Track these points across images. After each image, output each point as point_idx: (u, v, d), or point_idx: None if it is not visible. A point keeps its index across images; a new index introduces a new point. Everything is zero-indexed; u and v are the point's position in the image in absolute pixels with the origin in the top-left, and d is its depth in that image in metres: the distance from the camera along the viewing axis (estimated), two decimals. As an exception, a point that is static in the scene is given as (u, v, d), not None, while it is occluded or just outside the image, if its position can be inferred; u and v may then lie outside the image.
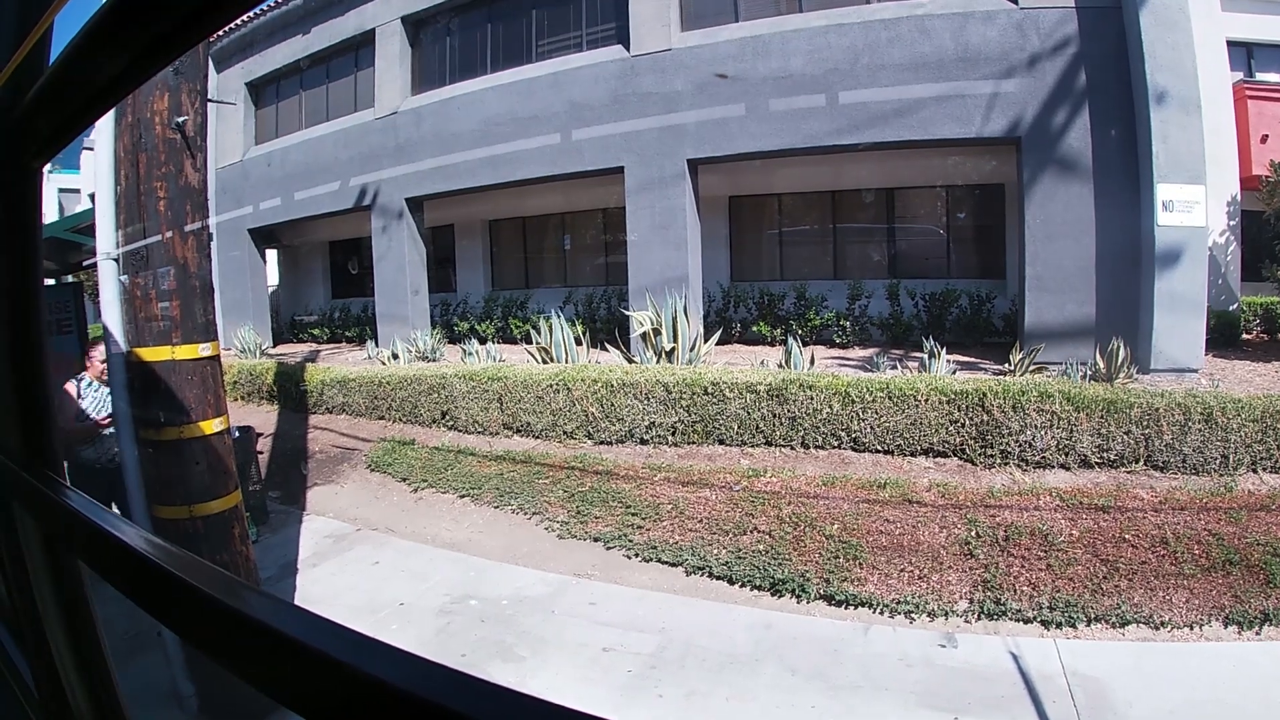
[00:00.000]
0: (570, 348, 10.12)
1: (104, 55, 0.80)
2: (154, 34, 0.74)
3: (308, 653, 0.56)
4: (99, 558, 0.91)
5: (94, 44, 0.78)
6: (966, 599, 5.08)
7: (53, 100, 0.96)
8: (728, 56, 10.94)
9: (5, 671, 1.74)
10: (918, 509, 5.81)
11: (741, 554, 5.71)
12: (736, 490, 6.36)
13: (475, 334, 14.71)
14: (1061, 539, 5.28)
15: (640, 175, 11.68)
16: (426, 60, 14.97)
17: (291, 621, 0.60)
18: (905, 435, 6.75)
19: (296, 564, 6.42)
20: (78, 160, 27.91)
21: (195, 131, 4.01)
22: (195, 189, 4.02)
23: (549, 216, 16.05)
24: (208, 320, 4.11)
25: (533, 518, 6.85)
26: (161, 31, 0.73)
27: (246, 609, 0.64)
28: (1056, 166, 9.26)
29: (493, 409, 8.72)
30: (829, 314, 11.80)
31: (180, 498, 3.96)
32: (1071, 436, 6.27)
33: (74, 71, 0.86)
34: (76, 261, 10.11)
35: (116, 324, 3.96)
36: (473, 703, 0.47)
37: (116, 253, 3.92)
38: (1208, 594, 4.85)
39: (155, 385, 3.92)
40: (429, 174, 13.92)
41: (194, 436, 3.98)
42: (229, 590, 0.68)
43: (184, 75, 3.93)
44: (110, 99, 0.93)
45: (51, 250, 8.66)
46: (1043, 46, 9.27)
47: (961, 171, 11.98)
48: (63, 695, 1.29)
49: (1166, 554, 5.08)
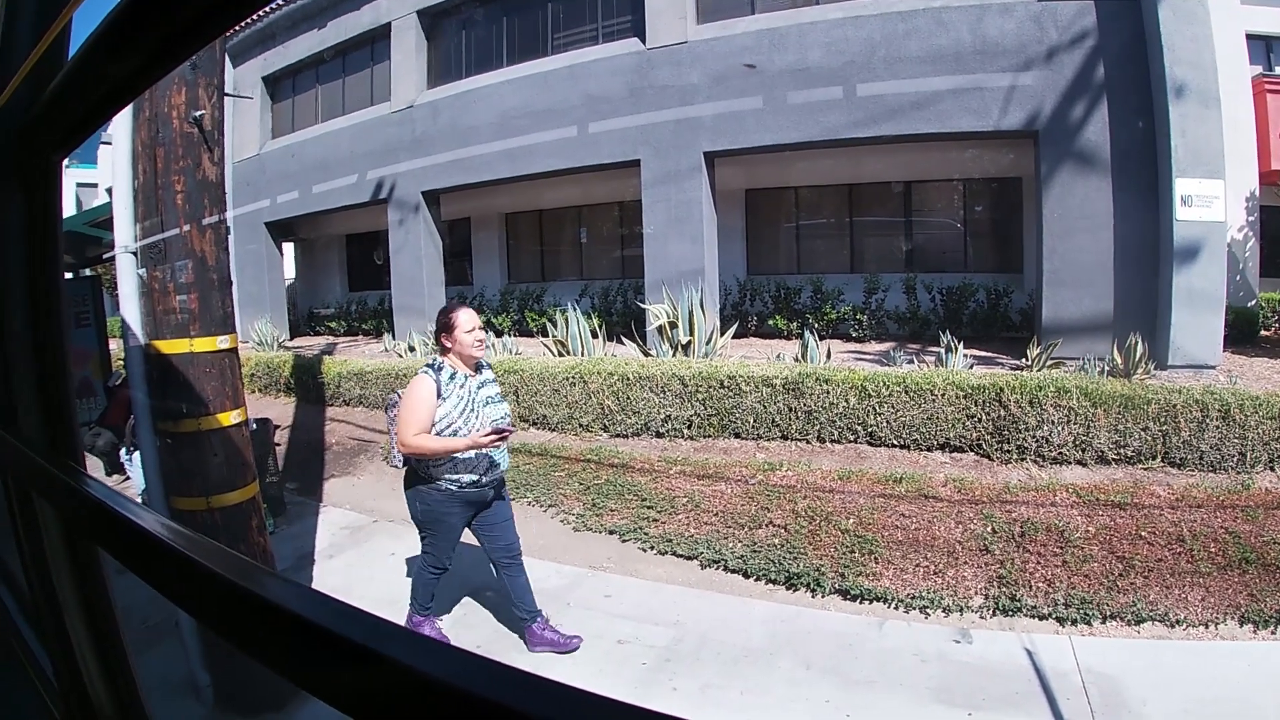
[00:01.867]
0: (586, 341, 10.13)
1: (122, 51, 0.80)
2: (171, 30, 0.74)
3: (328, 637, 0.57)
4: (119, 545, 0.91)
5: (112, 40, 0.79)
6: (982, 595, 5.06)
7: (72, 95, 0.97)
8: (744, 49, 10.91)
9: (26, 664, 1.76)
10: (933, 504, 5.79)
11: (757, 548, 5.70)
12: (752, 484, 6.36)
13: (492, 327, 14.73)
14: (1077, 535, 5.25)
15: (656, 168, 11.67)
16: (442, 54, 14.99)
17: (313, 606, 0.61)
18: (922, 430, 6.73)
19: (313, 555, 6.46)
20: (95, 155, 28.12)
21: (213, 125, 4.03)
22: (213, 183, 4.05)
23: (565, 209, 16.05)
24: (225, 313, 4.14)
25: (548, 510, 6.87)
26: (179, 28, 0.73)
27: (268, 594, 0.64)
28: (1074, 160, 9.19)
29: (508, 401, 8.72)
30: (845, 308, 11.75)
31: (198, 489, 3.99)
32: (1089, 432, 6.24)
33: (92, 67, 0.86)
34: (94, 255, 10.20)
35: (135, 317, 3.99)
36: (496, 688, 0.47)
37: (135, 246, 3.95)
38: (1224, 592, 4.82)
39: (174, 377, 3.95)
40: (445, 167, 13.96)
41: (212, 428, 4.01)
42: (250, 576, 0.69)
43: (201, 70, 3.95)
44: (128, 94, 0.94)
45: (69, 244, 8.74)
46: (1060, 39, 9.19)
47: (979, 165, 11.90)
48: (82, 685, 1.30)
49: (1183, 551, 5.05)
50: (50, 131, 1.10)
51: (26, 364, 1.34)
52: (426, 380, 4.17)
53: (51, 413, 1.35)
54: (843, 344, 11.14)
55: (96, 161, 28.20)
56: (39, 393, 1.35)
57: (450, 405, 4.17)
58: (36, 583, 1.39)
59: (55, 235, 1.32)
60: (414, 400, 4.12)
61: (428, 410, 4.11)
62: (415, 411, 4.09)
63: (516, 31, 13.88)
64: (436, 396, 4.15)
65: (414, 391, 4.14)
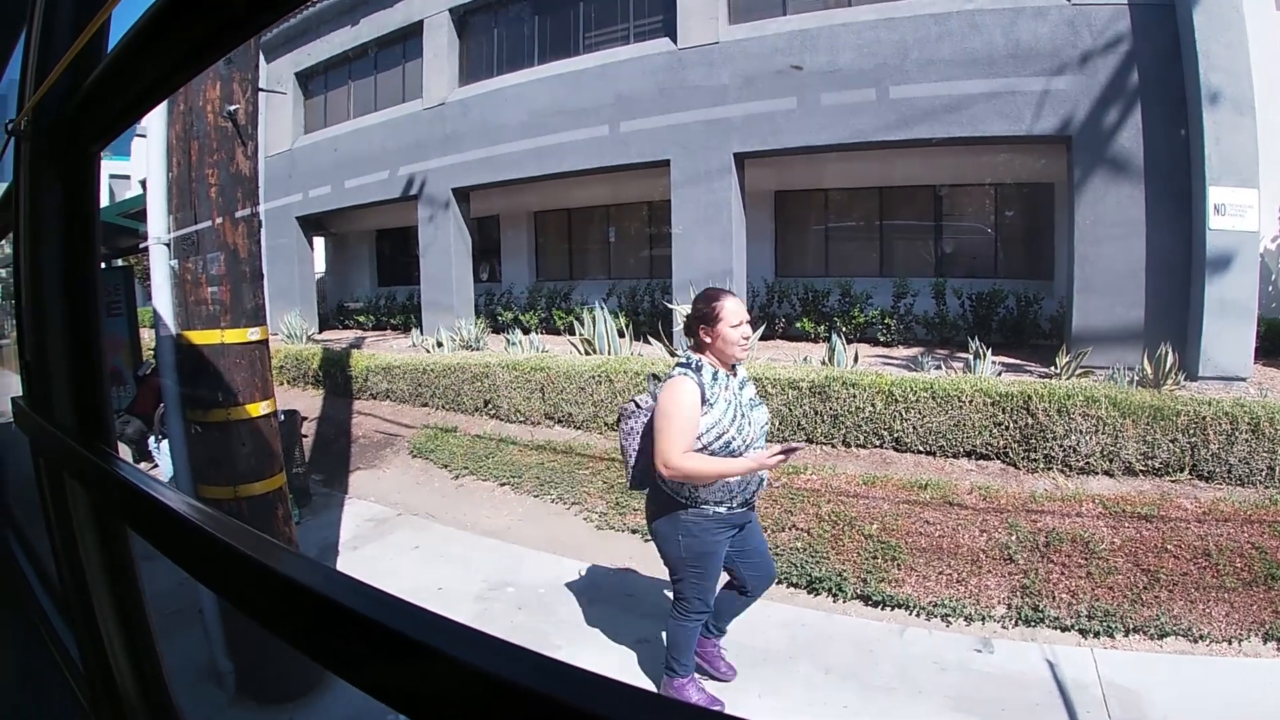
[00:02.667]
0: (613, 340, 10.14)
1: (159, 47, 0.82)
2: (208, 28, 0.76)
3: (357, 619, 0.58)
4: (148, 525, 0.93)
5: (150, 36, 0.81)
6: (1004, 604, 5.02)
7: (109, 89, 0.99)
8: (775, 50, 10.89)
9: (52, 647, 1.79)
10: (958, 511, 5.75)
11: (779, 551, 5.69)
12: (776, 487, 6.34)
13: (519, 324, 14.82)
14: (1103, 547, 5.19)
15: (686, 168, 11.67)
16: (474, 52, 15.08)
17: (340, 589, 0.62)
18: (948, 436, 6.69)
19: (338, 546, 6.52)
20: (129, 147, 28.49)
21: (246, 120, 4.08)
22: (246, 176, 4.09)
23: (594, 208, 16.10)
24: (256, 305, 4.19)
25: (572, 508, 6.89)
26: (216, 25, 0.75)
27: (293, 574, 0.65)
28: (1107, 166, 9.09)
29: (535, 399, 8.78)
30: (874, 312, 11.68)
31: (225, 478, 4.04)
32: (1116, 443, 6.17)
33: (130, 62, 0.88)
34: (127, 246, 10.34)
35: (167, 307, 4.04)
36: (531, 677, 0.48)
37: (168, 237, 4.00)
38: (1249, 608, 4.74)
39: (204, 368, 4.00)
40: (476, 165, 14.04)
41: (241, 418, 4.06)
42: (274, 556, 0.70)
43: (235, 65, 4.00)
44: (165, 89, 0.96)
45: (103, 234, 8.85)
46: (1095, 44, 9.09)
47: (1010, 170, 11.80)
48: (108, 666, 1.33)
49: (1208, 566, 4.98)
50: (88, 124, 1.13)
51: (62, 352, 1.37)
52: (688, 384, 3.42)
53: (85, 399, 1.37)
54: (870, 348, 11.08)
55: (130, 154, 28.57)
56: (73, 380, 1.37)
57: (719, 411, 3.42)
58: (65, 565, 1.42)
59: (92, 226, 1.34)
60: (680, 410, 3.37)
61: (695, 421, 3.38)
62: (683, 424, 3.36)
63: (548, 30, 13.93)
64: (701, 403, 3.41)
65: (677, 398, 3.39)
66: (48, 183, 1.29)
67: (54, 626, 1.83)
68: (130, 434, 7.56)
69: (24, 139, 1.33)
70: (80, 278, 1.35)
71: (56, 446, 1.32)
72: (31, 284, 1.38)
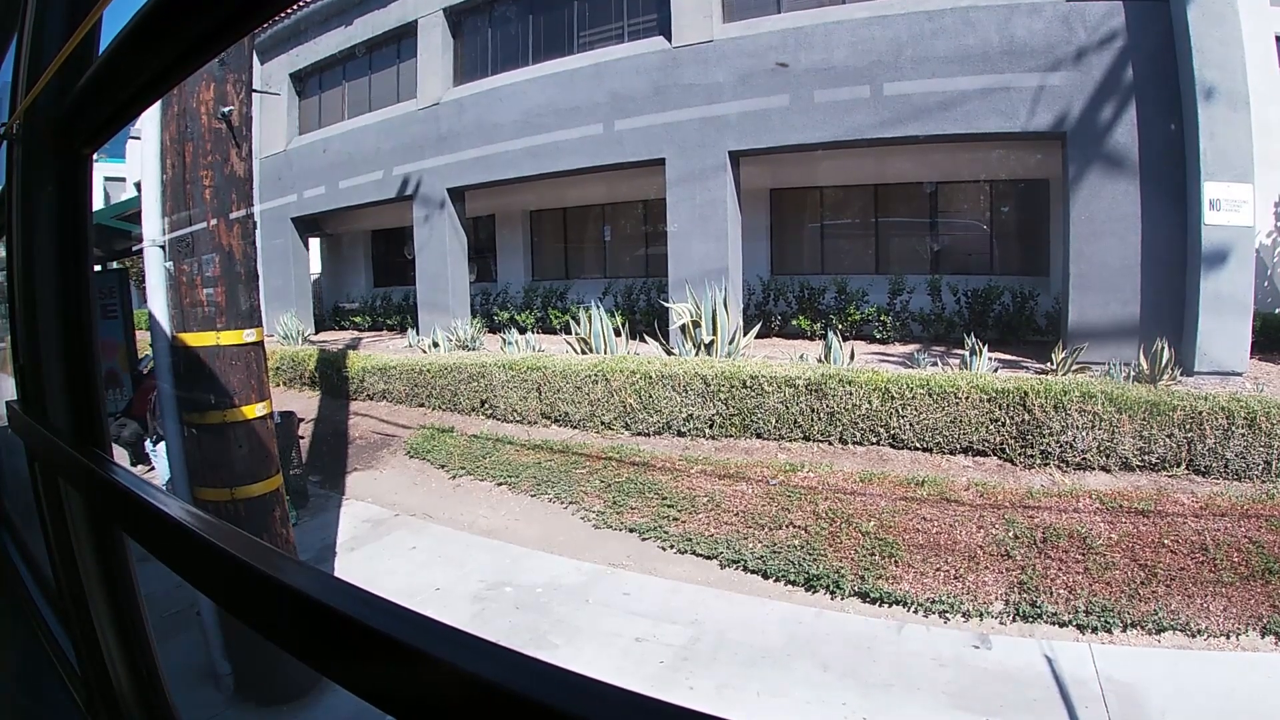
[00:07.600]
0: (609, 339, 10.14)
1: (152, 48, 0.82)
2: (200, 29, 0.76)
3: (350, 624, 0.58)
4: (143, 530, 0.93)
5: (142, 37, 0.80)
6: (1002, 600, 5.03)
7: (102, 90, 0.99)
8: (769, 48, 10.87)
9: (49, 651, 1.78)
10: (955, 508, 5.76)
11: (777, 548, 5.69)
12: (773, 484, 6.34)
13: (515, 324, 14.80)
14: (1100, 542, 5.20)
15: (681, 167, 11.66)
16: (468, 51, 15.05)
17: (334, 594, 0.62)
18: (945, 433, 6.69)
19: (335, 547, 6.52)
20: (123, 149, 28.34)
21: (240, 121, 4.07)
22: (240, 178, 4.09)
23: (589, 207, 16.08)
24: (252, 306, 4.18)
25: (569, 507, 6.89)
26: (208, 26, 0.75)
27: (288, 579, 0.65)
28: (1102, 162, 9.09)
29: (531, 398, 8.77)
30: (870, 309, 11.69)
31: (222, 480, 4.04)
32: (1113, 438, 6.17)
33: (123, 63, 0.88)
34: (122, 248, 10.32)
35: (162, 309, 4.04)
36: (521, 680, 0.48)
37: (163, 239, 4.00)
38: (1246, 603, 4.75)
39: (200, 370, 4.00)
40: (471, 164, 14.01)
41: (237, 420, 4.05)
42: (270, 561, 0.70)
43: (229, 66, 3.99)
44: (158, 90, 0.96)
45: (97, 237, 8.84)
46: (1089, 40, 9.09)
47: (1005, 166, 11.79)
48: (105, 671, 1.32)
49: (1205, 561, 4.99)
50: (81, 126, 1.12)
51: (56, 355, 1.36)
52: None
53: (79, 402, 1.37)
54: (866, 345, 11.08)
55: (124, 155, 28.41)
56: (68, 383, 1.37)
57: None
58: (61, 568, 1.42)
59: (86, 227, 1.34)
60: None
61: None
62: None
63: (542, 30, 13.91)
64: None
65: None
66: (40, 185, 1.28)
67: (50, 630, 1.82)
68: (127, 437, 7.54)
69: (16, 141, 1.33)
70: (74, 280, 1.35)
71: (51, 450, 1.32)
72: (25, 287, 1.38)
